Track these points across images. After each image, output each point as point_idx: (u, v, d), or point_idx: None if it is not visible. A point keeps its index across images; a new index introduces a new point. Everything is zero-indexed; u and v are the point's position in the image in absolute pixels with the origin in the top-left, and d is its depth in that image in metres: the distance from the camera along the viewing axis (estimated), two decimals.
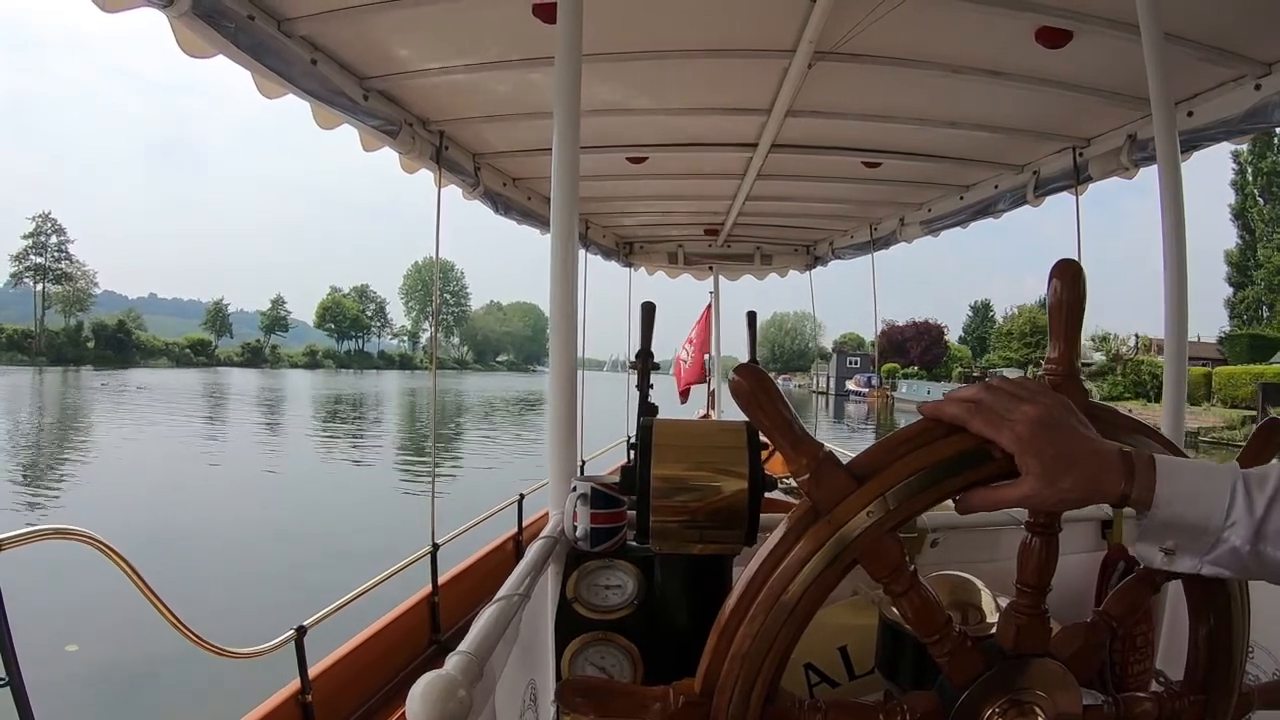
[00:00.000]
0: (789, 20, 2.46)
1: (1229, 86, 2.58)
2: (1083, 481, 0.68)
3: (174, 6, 2.03)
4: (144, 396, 44.62)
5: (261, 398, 48.81)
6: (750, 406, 0.73)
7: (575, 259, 1.63)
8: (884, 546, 0.71)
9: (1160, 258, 1.92)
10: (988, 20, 2.39)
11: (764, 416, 0.73)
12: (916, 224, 4.86)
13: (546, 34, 2.40)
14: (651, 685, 0.74)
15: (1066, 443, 0.69)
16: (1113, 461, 0.69)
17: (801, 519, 0.72)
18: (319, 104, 2.75)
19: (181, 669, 5.70)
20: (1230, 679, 0.84)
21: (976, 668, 0.74)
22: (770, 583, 0.71)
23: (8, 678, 1.76)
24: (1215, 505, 0.67)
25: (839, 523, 0.70)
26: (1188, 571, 0.71)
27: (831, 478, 0.71)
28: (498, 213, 4.34)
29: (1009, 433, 0.68)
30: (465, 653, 0.81)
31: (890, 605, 1.22)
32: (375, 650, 3.24)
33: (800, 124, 3.36)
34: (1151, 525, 0.69)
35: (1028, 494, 0.68)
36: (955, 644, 0.74)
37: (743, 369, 0.73)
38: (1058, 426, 0.69)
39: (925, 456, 0.71)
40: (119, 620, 5.77)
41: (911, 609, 0.74)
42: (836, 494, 0.70)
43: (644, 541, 1.08)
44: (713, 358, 7.89)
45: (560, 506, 1.37)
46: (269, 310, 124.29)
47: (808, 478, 0.71)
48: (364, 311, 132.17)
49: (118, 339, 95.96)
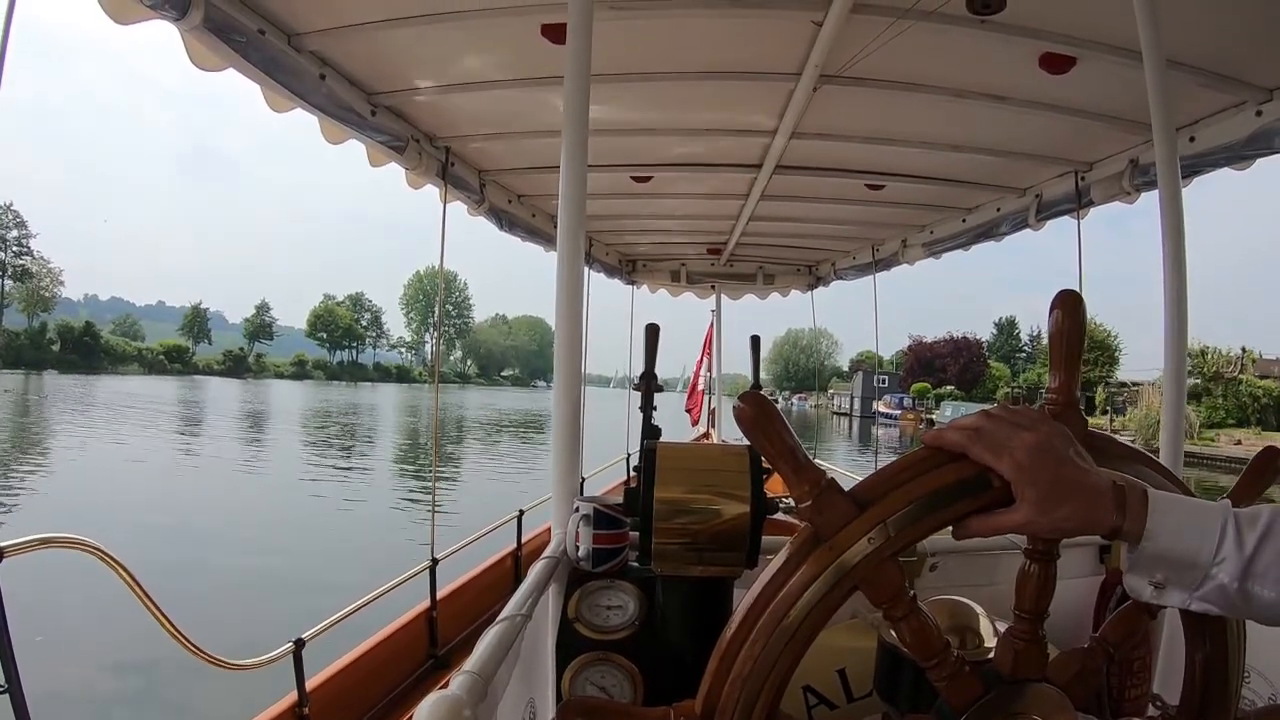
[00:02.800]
0: (795, 44, 2.49)
1: (1230, 112, 2.60)
2: (1077, 512, 0.69)
3: (186, 20, 2.06)
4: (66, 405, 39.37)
5: (242, 411, 44.50)
6: (754, 433, 0.74)
7: (581, 278, 1.64)
8: (884, 572, 0.71)
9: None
10: (992, 46, 2.41)
11: (768, 443, 0.73)
12: (918, 246, 4.89)
13: (554, 54, 2.43)
14: (652, 706, 0.74)
15: (1063, 472, 0.69)
16: (1106, 493, 0.70)
17: (803, 544, 0.73)
18: (327, 119, 2.77)
19: (177, 679, 5.69)
20: (1226, 704, 0.84)
21: (975, 692, 0.75)
22: (772, 606, 0.72)
23: (7, 685, 1.76)
24: (1205, 541, 0.68)
25: (840, 549, 0.70)
26: (1177, 606, 0.72)
27: (833, 505, 0.71)
28: (502, 229, 4.36)
29: (1008, 460, 0.69)
30: (470, 673, 0.82)
31: (889, 629, 1.22)
32: (373, 664, 3.23)
33: (805, 146, 3.39)
34: (1141, 558, 0.70)
35: (1023, 521, 0.69)
36: (953, 668, 0.75)
37: (747, 396, 0.74)
38: (1055, 455, 0.70)
39: (926, 484, 0.72)
40: (119, 630, 5.76)
41: (910, 634, 0.75)
42: (838, 520, 0.71)
43: (646, 563, 1.08)
44: (713, 377, 7.91)
45: (563, 525, 1.37)
46: (253, 316, 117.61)
47: (809, 505, 0.72)
48: (358, 321, 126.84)
49: (84, 343, 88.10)
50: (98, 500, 14.22)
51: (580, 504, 1.28)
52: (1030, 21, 2.30)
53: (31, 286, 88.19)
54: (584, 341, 1.72)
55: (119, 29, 2.06)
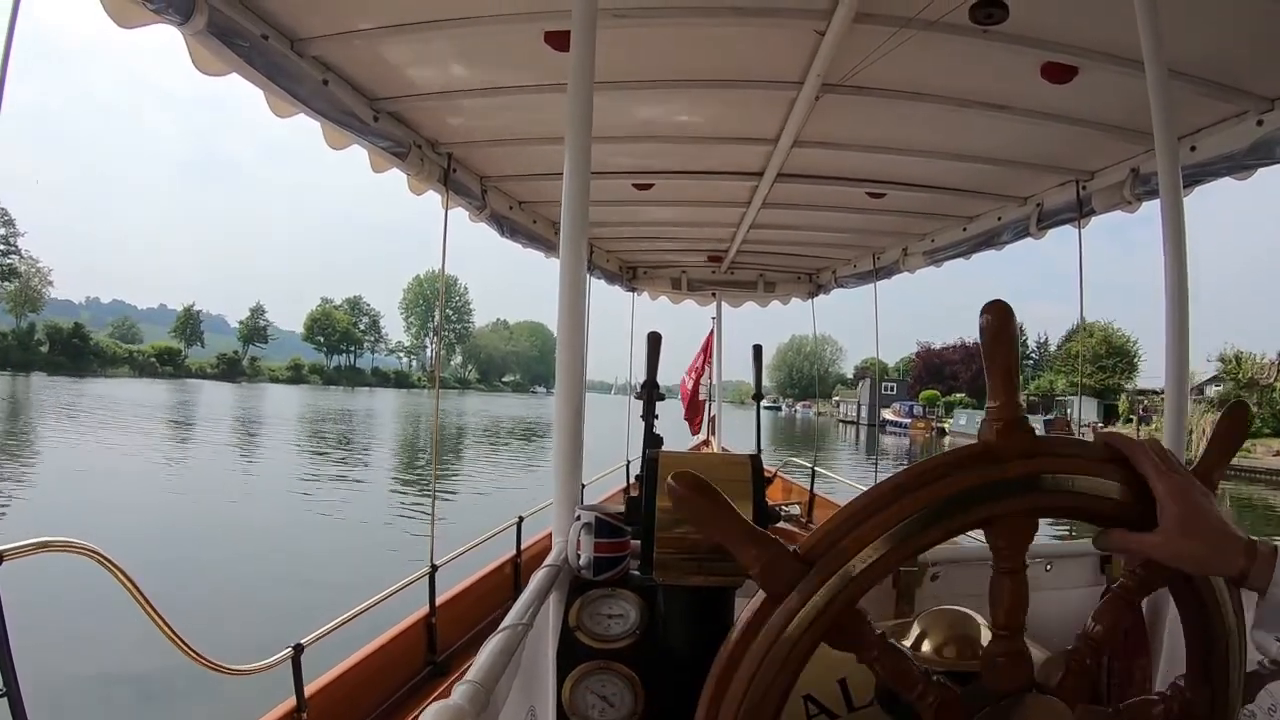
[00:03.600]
0: (798, 53, 2.50)
1: (1232, 122, 2.61)
2: (1209, 547, 0.73)
3: (189, 24, 2.06)
4: None
5: (235, 417, 41.12)
6: (697, 517, 0.74)
7: (584, 285, 1.63)
8: (844, 623, 0.72)
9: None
10: (994, 56, 2.42)
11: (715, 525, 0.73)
12: (919, 254, 4.90)
13: (557, 61, 2.44)
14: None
15: (1204, 508, 0.73)
16: (1238, 538, 0.73)
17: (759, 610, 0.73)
18: (329, 124, 2.78)
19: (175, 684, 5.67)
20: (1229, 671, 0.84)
21: (963, 716, 0.75)
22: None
23: (5, 688, 1.75)
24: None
25: (791, 612, 0.71)
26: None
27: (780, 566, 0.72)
28: (503, 235, 4.37)
29: (1166, 482, 0.73)
30: (473, 682, 0.82)
31: (890, 638, 1.22)
32: (371, 669, 3.22)
33: (806, 154, 3.40)
34: (1268, 610, 0.72)
35: (1159, 543, 0.73)
36: (939, 695, 0.75)
37: (679, 477, 0.73)
38: (1200, 494, 0.74)
39: (883, 521, 0.71)
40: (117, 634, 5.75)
41: (886, 673, 0.75)
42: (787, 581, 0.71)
43: (647, 571, 1.08)
44: (713, 384, 7.90)
45: (564, 533, 1.37)
46: (247, 319, 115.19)
47: (758, 570, 0.72)
48: (355, 324, 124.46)
49: (73, 344, 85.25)
50: None
51: (582, 512, 1.28)
52: (1032, 31, 2.31)
53: (19, 286, 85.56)
54: (585, 348, 1.71)
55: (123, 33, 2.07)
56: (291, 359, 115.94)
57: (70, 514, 12.64)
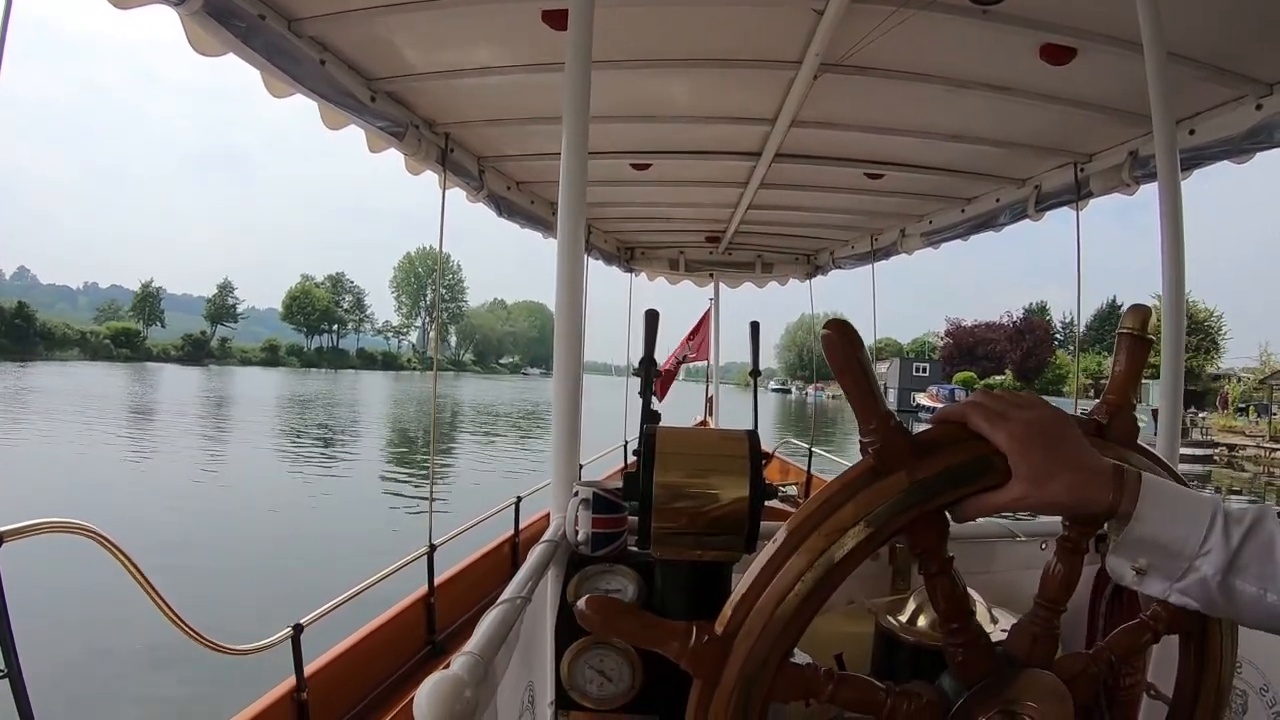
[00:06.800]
0: (796, 32, 2.48)
1: (1230, 106, 2.60)
2: (1072, 487, 0.68)
3: (186, 5, 2.05)
4: None
5: None
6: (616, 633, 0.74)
7: (581, 265, 1.64)
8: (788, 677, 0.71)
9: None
10: (993, 36, 2.41)
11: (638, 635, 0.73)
12: (917, 235, 4.89)
13: (555, 40, 2.43)
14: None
15: (1059, 449, 0.69)
16: (1103, 472, 0.69)
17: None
18: (326, 104, 2.76)
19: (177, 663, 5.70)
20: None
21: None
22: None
23: (6, 669, 1.76)
24: (1192, 531, 0.67)
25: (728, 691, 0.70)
26: (1156, 595, 0.71)
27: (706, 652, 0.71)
28: (501, 215, 4.35)
29: (1003, 431, 0.69)
30: (471, 653, 0.83)
31: (886, 614, 1.23)
32: (371, 649, 3.24)
33: (804, 134, 3.38)
34: (1127, 540, 0.70)
35: (1017, 496, 0.69)
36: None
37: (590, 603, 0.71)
38: (1052, 433, 0.70)
39: None
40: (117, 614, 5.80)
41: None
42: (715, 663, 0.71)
43: (645, 547, 1.09)
44: (711, 365, 7.90)
45: (562, 510, 1.38)
46: (215, 297, 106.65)
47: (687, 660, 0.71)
48: (338, 303, 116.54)
49: (15, 326, 78.57)
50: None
51: (580, 488, 1.29)
52: (1031, 12, 2.30)
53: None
54: (582, 327, 1.72)
55: None
56: (266, 340, 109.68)
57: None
